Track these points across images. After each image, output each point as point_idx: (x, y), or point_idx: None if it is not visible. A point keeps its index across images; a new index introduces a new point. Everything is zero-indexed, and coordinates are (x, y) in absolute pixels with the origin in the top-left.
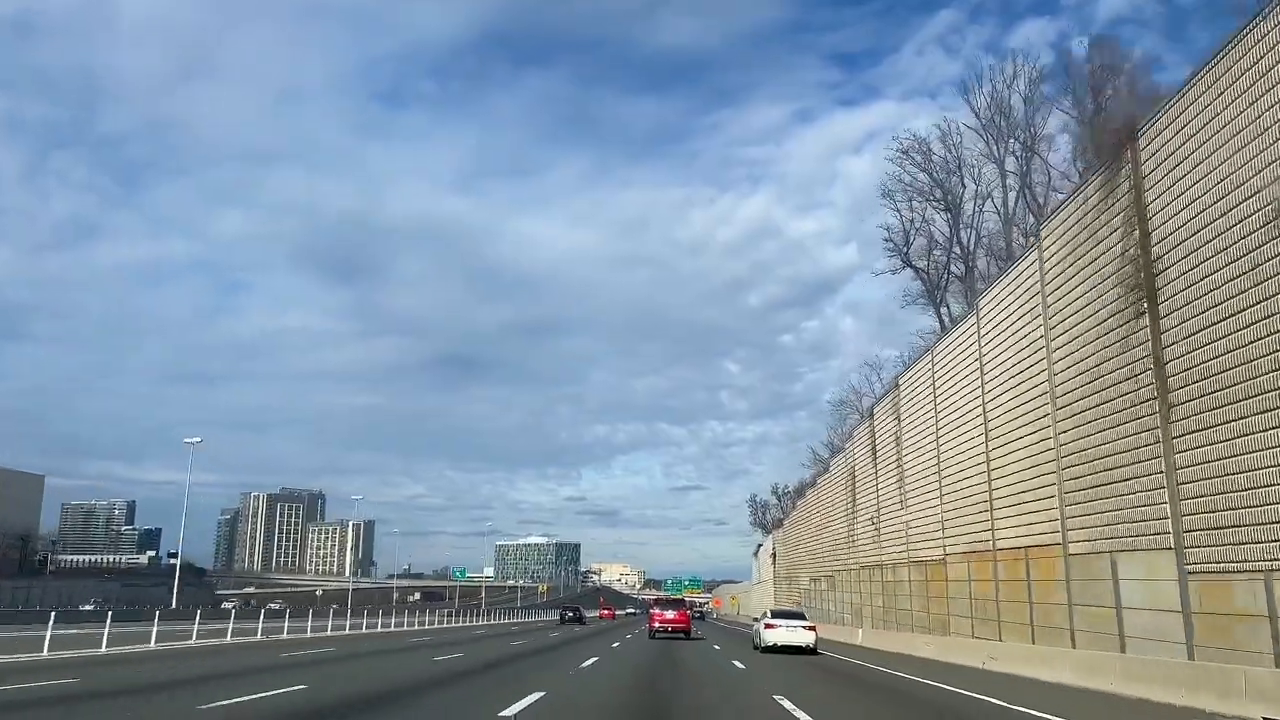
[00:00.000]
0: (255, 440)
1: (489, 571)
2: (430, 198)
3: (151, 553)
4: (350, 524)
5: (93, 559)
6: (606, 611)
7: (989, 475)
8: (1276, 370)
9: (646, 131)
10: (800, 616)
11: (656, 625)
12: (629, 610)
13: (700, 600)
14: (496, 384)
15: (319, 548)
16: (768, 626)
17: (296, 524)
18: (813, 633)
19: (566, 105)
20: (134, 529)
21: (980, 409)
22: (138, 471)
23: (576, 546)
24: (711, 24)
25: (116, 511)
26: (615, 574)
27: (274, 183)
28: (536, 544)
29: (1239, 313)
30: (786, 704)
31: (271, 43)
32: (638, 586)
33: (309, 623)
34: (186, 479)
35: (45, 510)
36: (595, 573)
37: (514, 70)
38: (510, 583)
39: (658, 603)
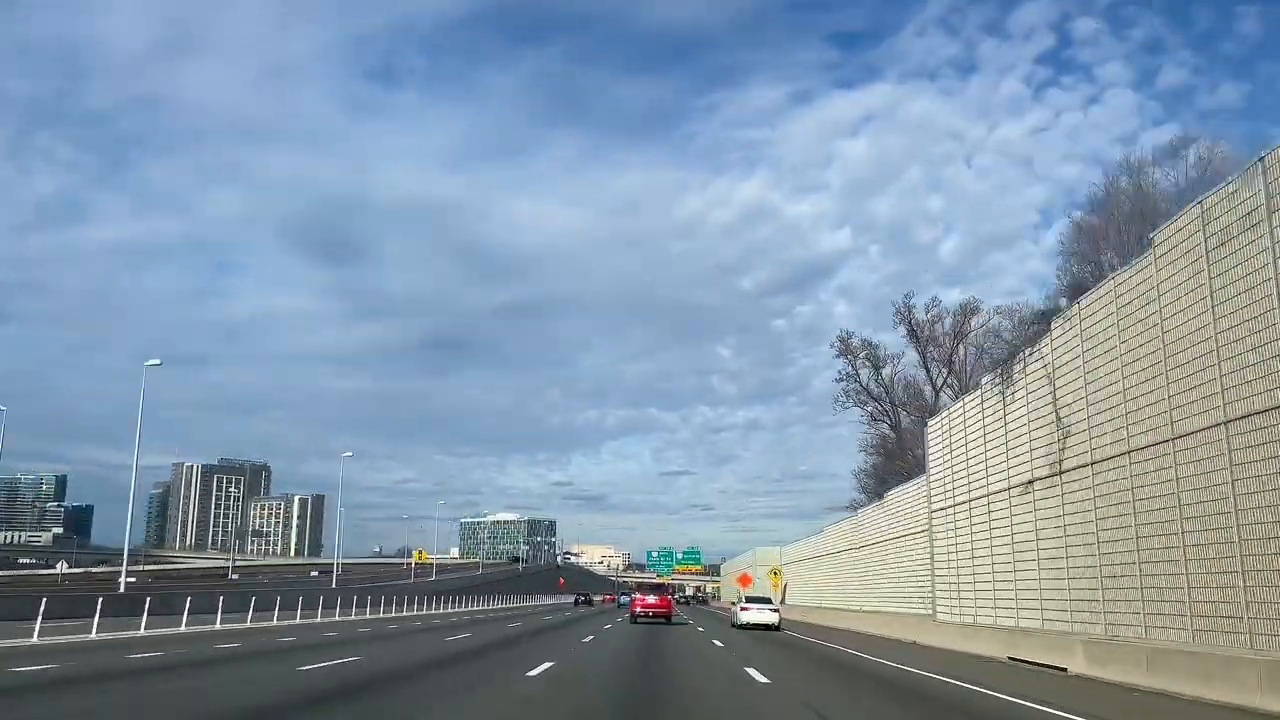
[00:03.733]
0: (243, 422)
1: (454, 551)
2: (421, 177)
3: (58, 529)
4: (296, 499)
5: None
6: (609, 596)
7: None
8: None
9: (641, 112)
10: (768, 601)
11: (638, 610)
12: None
13: (695, 583)
14: (486, 368)
15: (262, 525)
16: (742, 609)
17: (237, 499)
18: (776, 614)
19: (560, 84)
20: (60, 506)
21: None
22: (121, 454)
23: (551, 524)
24: (709, 1)
25: (44, 487)
26: (598, 556)
27: (262, 161)
28: (506, 521)
29: None
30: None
31: (261, 16)
32: (621, 569)
33: None
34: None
35: None
36: (576, 554)
37: (507, 47)
38: (443, 558)
39: (639, 588)
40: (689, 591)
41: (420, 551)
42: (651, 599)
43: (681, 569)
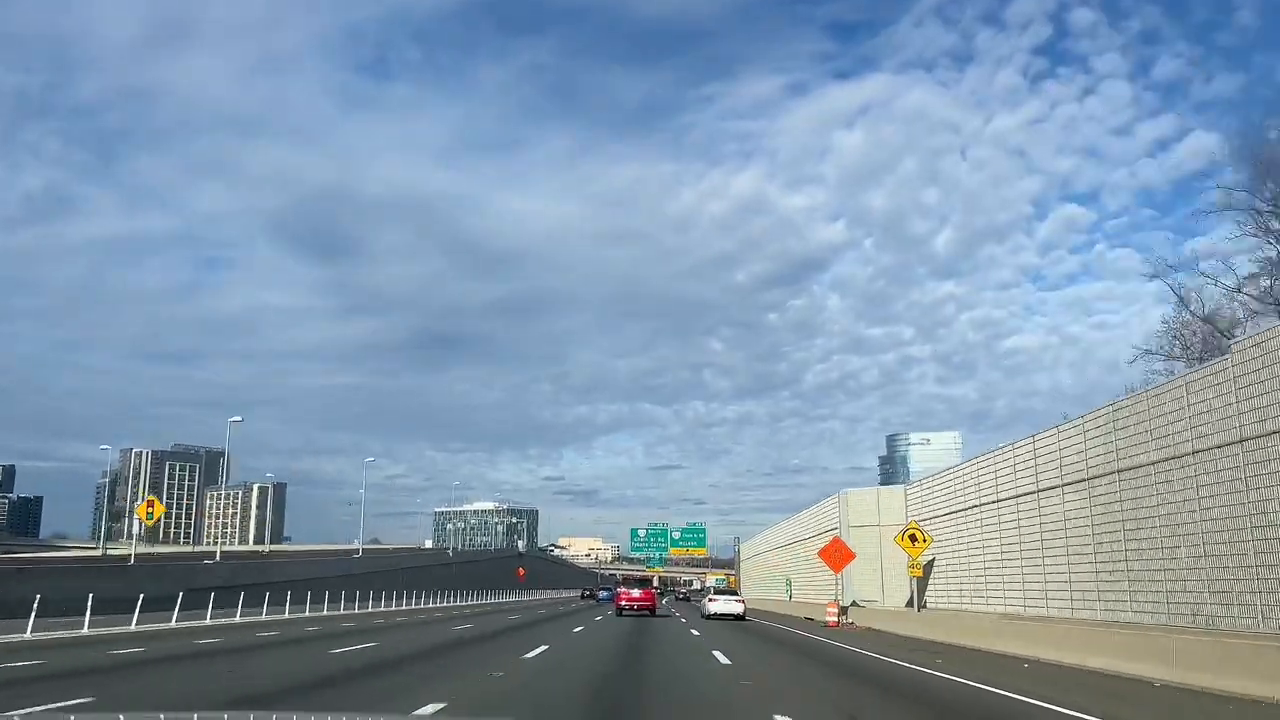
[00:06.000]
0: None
1: (428, 543)
2: (413, 171)
3: None
4: (255, 487)
5: None
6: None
7: None
8: None
9: (636, 105)
10: (734, 593)
11: (623, 604)
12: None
13: (683, 578)
14: (478, 363)
15: (219, 515)
16: (710, 600)
17: (191, 487)
18: (742, 604)
19: (555, 76)
20: (5, 497)
21: None
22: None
23: (533, 514)
24: None
25: None
26: (585, 548)
27: (253, 155)
28: (484, 510)
29: None
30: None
31: (251, 7)
32: (609, 561)
33: None
34: None
35: None
36: (563, 546)
37: (502, 39)
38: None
39: (625, 582)
40: (695, 585)
41: (148, 501)
42: (636, 593)
43: (680, 553)
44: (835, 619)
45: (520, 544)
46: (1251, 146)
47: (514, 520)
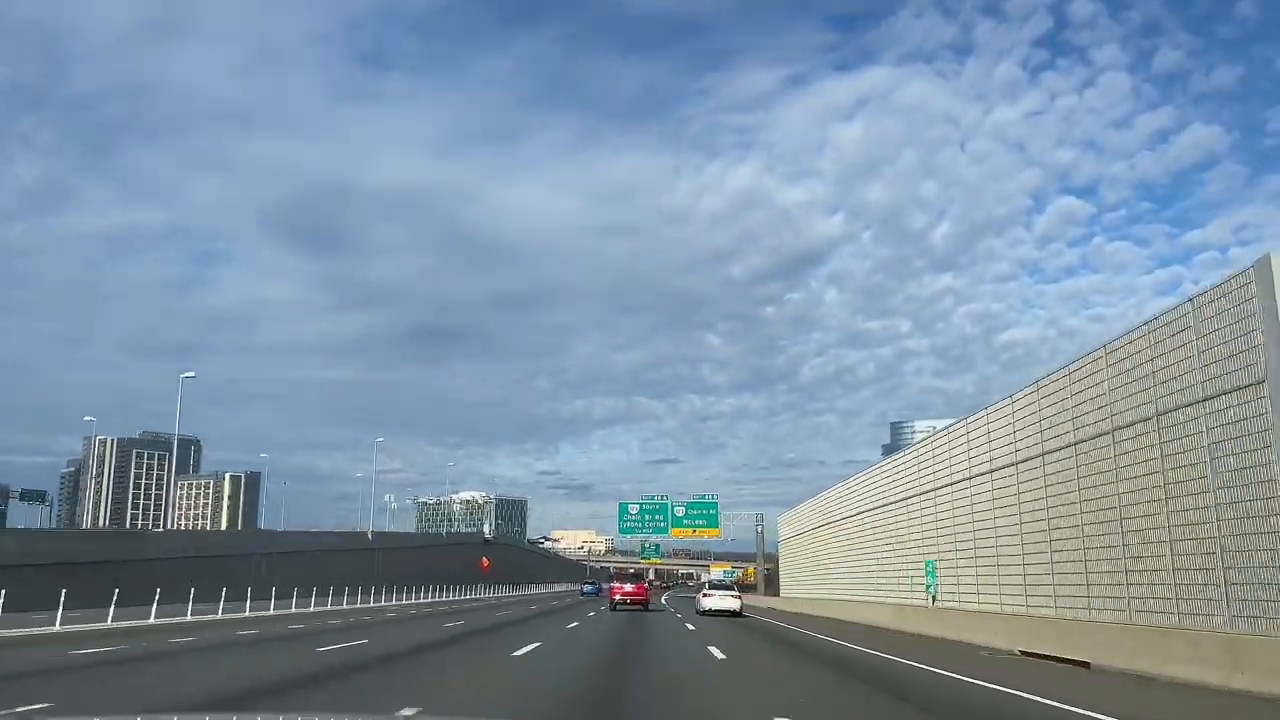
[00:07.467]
0: (227, 415)
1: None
2: (410, 164)
3: None
4: (227, 477)
5: None
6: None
7: None
8: None
9: (635, 96)
10: (730, 588)
11: (617, 598)
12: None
13: (680, 571)
14: (475, 358)
15: (190, 506)
16: (705, 596)
17: (160, 476)
18: (739, 600)
19: (553, 67)
20: None
21: None
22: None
23: (522, 504)
24: None
25: None
26: (578, 541)
27: (249, 148)
28: (470, 500)
29: None
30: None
31: None
32: (602, 554)
33: None
34: None
35: None
36: (555, 539)
37: (500, 30)
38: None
39: (618, 577)
40: (703, 579)
41: None
42: (628, 587)
43: (684, 534)
44: None
45: (486, 529)
46: None
47: (483, 502)
